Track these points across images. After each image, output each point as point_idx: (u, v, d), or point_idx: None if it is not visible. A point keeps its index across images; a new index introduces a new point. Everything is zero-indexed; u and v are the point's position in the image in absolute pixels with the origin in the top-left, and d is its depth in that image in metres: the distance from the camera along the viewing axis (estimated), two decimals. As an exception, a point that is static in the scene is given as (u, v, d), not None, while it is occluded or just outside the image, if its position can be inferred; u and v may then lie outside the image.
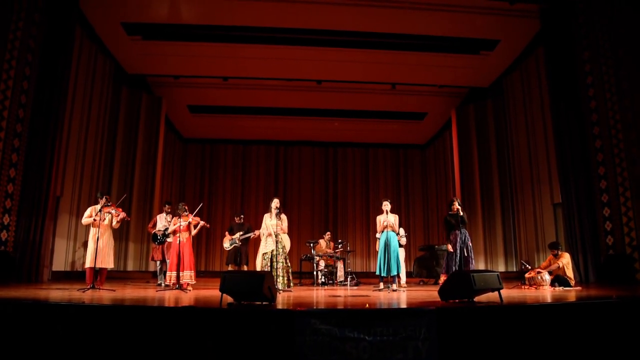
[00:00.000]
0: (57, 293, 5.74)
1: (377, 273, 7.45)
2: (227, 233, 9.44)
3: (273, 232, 7.06)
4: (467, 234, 7.56)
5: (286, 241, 7.36)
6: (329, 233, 11.00)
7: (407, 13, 9.90)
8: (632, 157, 7.96)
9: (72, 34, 9.05)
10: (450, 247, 7.53)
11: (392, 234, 7.45)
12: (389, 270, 7.25)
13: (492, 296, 4.88)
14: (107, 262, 6.73)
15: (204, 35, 10.97)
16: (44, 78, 8.49)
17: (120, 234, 11.67)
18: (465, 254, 7.40)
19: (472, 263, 7.44)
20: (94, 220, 6.66)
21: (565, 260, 7.37)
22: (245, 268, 9.27)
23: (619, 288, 6.65)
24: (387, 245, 7.34)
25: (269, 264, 6.95)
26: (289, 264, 7.19)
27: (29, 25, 8.34)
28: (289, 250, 7.38)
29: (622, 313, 4.30)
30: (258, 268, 7.13)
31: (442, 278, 7.53)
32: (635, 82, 7.88)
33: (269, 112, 15.33)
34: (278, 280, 6.89)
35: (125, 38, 10.86)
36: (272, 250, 7.02)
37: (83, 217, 6.79)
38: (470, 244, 7.53)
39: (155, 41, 11.13)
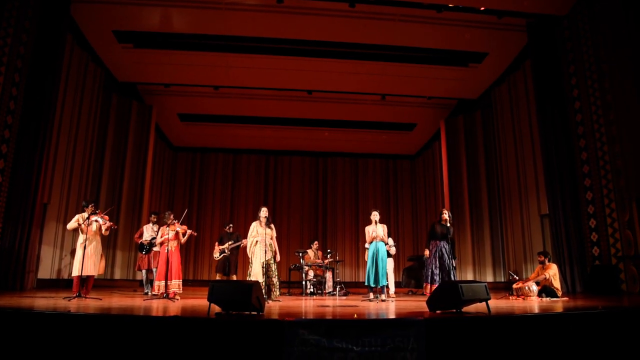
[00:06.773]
0: (42, 301, 5.63)
1: (366, 283, 7.46)
2: (217, 244, 9.39)
3: (267, 241, 7.06)
4: (447, 248, 7.61)
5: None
6: (316, 242, 10.99)
7: (397, 25, 10.04)
8: (617, 169, 8.11)
9: (63, 42, 9.02)
10: (427, 253, 7.61)
11: (381, 245, 7.45)
12: (377, 280, 7.26)
13: (480, 307, 4.90)
14: (94, 269, 6.67)
15: (195, 44, 11.01)
16: (34, 85, 8.45)
17: (108, 243, 11.55)
18: (447, 266, 7.48)
19: (454, 275, 7.49)
20: (81, 226, 6.61)
21: (552, 272, 7.44)
22: (234, 277, 9.22)
23: (605, 298, 6.73)
24: (375, 256, 7.35)
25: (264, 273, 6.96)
26: (277, 273, 7.21)
27: (19, 32, 8.31)
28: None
29: (608, 323, 4.35)
30: (260, 279, 6.88)
31: (426, 287, 7.61)
32: (619, 96, 8.04)
33: (260, 121, 15.36)
34: (274, 290, 6.94)
35: (116, 46, 10.85)
36: (269, 259, 7.03)
37: (69, 223, 6.76)
38: (451, 256, 7.58)
39: (146, 49, 11.14)
